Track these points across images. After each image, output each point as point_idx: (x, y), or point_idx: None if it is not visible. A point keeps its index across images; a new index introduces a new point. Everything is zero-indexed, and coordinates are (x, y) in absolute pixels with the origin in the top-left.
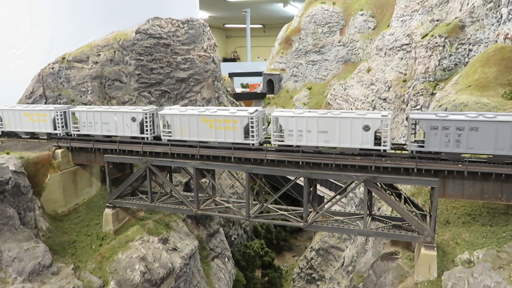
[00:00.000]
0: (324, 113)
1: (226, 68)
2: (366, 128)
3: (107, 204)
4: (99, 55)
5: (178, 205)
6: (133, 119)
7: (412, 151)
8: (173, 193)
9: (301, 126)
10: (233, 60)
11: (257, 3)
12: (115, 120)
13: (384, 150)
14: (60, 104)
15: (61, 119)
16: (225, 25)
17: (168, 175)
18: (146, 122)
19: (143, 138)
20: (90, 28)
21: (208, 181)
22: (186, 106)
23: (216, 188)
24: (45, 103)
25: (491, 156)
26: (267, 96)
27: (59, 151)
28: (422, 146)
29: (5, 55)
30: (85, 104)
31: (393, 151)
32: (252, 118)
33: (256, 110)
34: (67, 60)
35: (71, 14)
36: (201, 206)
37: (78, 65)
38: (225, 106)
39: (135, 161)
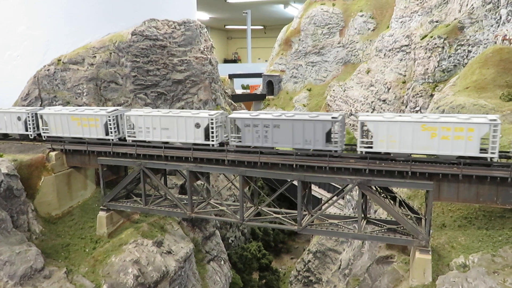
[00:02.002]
0: (166, 113)
1: (227, 70)
2: (197, 125)
3: (101, 207)
4: (95, 57)
5: (173, 208)
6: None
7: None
8: (168, 196)
9: (148, 123)
10: (234, 61)
11: (257, 4)
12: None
13: (213, 145)
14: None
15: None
16: (226, 27)
17: (162, 178)
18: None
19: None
20: (86, 30)
21: (203, 183)
22: (183, 108)
23: (210, 190)
24: (41, 105)
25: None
26: (266, 97)
27: (53, 153)
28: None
29: (1, 57)
30: (80, 106)
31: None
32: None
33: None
34: (62, 62)
35: (67, 16)
36: (195, 209)
37: (74, 67)
38: (222, 108)
39: (129, 164)
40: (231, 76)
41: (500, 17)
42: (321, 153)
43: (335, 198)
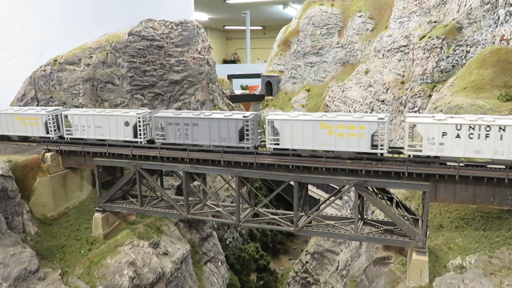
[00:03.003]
0: (100, 112)
1: (226, 70)
2: (127, 124)
3: (97, 208)
4: (91, 57)
5: (169, 209)
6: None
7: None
8: (164, 197)
9: (83, 122)
10: (233, 62)
11: (256, 5)
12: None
13: (141, 142)
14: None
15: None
16: (225, 27)
17: (159, 179)
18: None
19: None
20: (82, 30)
21: (199, 184)
22: (180, 109)
23: (206, 192)
24: (37, 106)
25: (210, 146)
26: (265, 98)
27: (48, 154)
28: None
29: None
30: (77, 106)
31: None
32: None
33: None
34: (59, 63)
35: (64, 16)
36: (191, 210)
37: (70, 67)
38: (220, 108)
39: (125, 165)
40: (230, 77)
41: (498, 18)
42: (235, 150)
43: (331, 199)
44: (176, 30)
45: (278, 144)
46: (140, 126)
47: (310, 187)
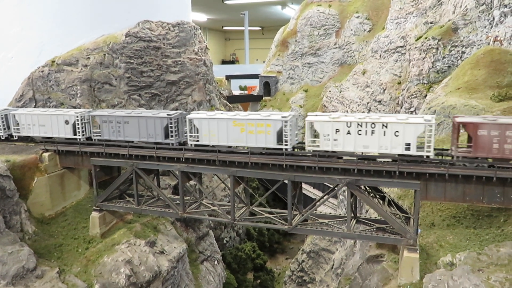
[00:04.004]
0: (44, 111)
1: (224, 71)
2: (66, 122)
3: (94, 208)
4: (89, 58)
5: (165, 208)
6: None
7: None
8: (160, 196)
9: (29, 121)
10: (232, 62)
11: (255, 5)
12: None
13: (80, 139)
14: (49, 107)
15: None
16: (224, 28)
17: (155, 178)
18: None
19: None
20: (80, 31)
21: (195, 184)
22: (176, 109)
23: (202, 191)
24: (35, 106)
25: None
26: (263, 98)
27: (46, 154)
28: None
29: None
30: (75, 107)
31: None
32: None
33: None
34: (56, 63)
35: (61, 18)
36: (187, 209)
37: (68, 68)
38: (217, 108)
39: (121, 164)
40: (229, 77)
41: (493, 19)
42: (161, 146)
43: (325, 197)
44: (173, 31)
45: (198, 140)
46: (78, 124)
47: (307, 187)
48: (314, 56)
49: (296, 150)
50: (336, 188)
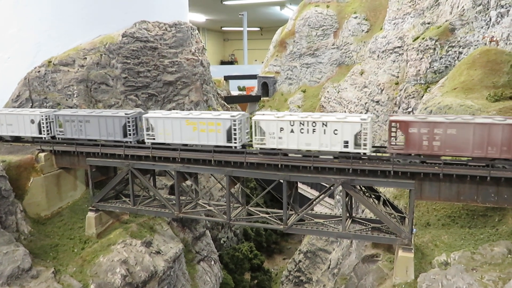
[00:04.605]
0: (11, 111)
1: (223, 71)
2: (32, 121)
3: (90, 208)
4: (86, 58)
5: (161, 208)
6: None
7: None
8: (156, 196)
9: None
10: (231, 63)
11: (254, 6)
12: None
13: (44, 138)
14: (46, 108)
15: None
16: (223, 28)
17: (151, 178)
18: None
19: None
20: (76, 32)
21: (192, 184)
22: (174, 109)
23: (198, 191)
24: (31, 107)
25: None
26: (261, 99)
27: (42, 154)
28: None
29: None
30: (71, 107)
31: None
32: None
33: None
34: (53, 64)
35: (58, 18)
36: (183, 209)
37: (64, 68)
38: (214, 109)
39: (118, 165)
40: (227, 78)
41: (490, 19)
42: (117, 144)
43: (320, 197)
44: (170, 32)
45: (154, 138)
46: (43, 123)
47: (304, 187)
48: (312, 57)
49: (247, 148)
50: (331, 188)
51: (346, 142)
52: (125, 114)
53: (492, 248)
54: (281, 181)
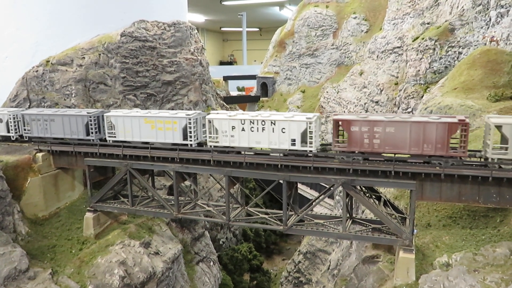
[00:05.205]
0: None
1: (222, 72)
2: (0, 120)
3: (88, 208)
4: (84, 58)
5: (160, 208)
6: None
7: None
8: (155, 197)
9: None
10: (230, 63)
11: (253, 6)
12: None
13: (13, 137)
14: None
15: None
16: (222, 29)
17: (150, 178)
18: None
19: None
20: (74, 31)
21: (191, 184)
22: (173, 109)
23: (197, 191)
24: (29, 107)
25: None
26: (261, 99)
27: (39, 154)
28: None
29: None
30: (69, 107)
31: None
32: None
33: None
34: (51, 63)
35: (56, 18)
36: (182, 210)
37: (62, 68)
38: (213, 109)
39: (116, 165)
40: (226, 78)
41: (490, 19)
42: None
43: (320, 198)
44: (169, 31)
45: (115, 136)
46: (10, 122)
47: (303, 187)
48: (312, 57)
49: (204, 146)
50: (331, 188)
51: (293, 140)
52: (87, 113)
53: (494, 249)
54: (281, 181)
